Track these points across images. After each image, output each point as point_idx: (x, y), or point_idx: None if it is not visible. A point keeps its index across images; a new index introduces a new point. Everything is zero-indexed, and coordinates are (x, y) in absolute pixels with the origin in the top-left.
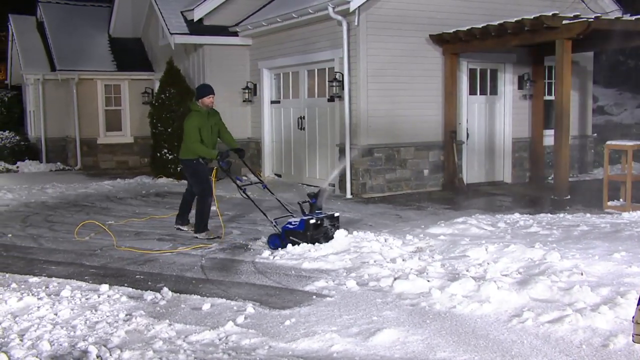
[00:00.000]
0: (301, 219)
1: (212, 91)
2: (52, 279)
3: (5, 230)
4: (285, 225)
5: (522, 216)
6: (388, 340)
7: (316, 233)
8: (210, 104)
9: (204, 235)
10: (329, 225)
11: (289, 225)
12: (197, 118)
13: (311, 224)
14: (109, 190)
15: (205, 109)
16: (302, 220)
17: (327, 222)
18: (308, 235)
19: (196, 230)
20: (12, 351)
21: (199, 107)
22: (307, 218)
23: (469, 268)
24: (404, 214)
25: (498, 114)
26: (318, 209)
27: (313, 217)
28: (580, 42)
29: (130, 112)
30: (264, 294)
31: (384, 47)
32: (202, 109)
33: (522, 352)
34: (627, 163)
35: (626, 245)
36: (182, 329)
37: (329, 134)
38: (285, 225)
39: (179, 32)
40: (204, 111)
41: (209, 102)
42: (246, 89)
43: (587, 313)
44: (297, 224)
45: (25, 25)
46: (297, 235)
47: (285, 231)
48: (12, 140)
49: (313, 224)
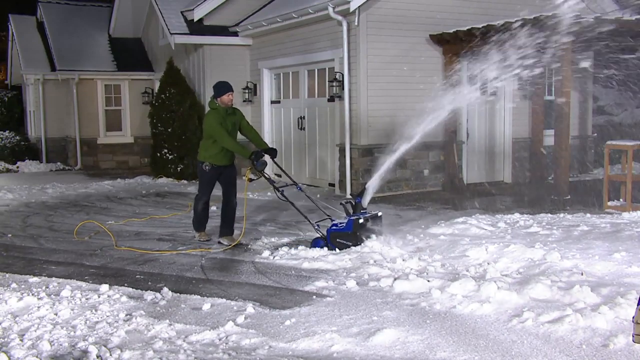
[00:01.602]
0: (349, 219)
1: (231, 88)
2: (52, 279)
3: (5, 230)
4: (330, 227)
5: (522, 216)
6: (388, 340)
7: (364, 233)
8: (229, 102)
9: (197, 236)
10: (372, 226)
11: (334, 227)
12: (216, 115)
13: (360, 223)
14: (109, 190)
15: (223, 107)
16: (350, 220)
17: (371, 223)
18: (358, 235)
19: (194, 227)
20: (12, 351)
21: (217, 105)
22: (354, 218)
23: (469, 268)
24: (404, 214)
25: (498, 114)
26: (363, 209)
27: (360, 216)
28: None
29: (130, 112)
30: (264, 294)
31: (384, 47)
32: (220, 107)
33: (522, 352)
34: (627, 163)
35: (626, 245)
36: (182, 329)
37: (329, 134)
38: (330, 228)
39: (179, 32)
40: (222, 109)
41: (227, 100)
42: (246, 89)
43: (587, 313)
44: (344, 224)
45: (25, 25)
46: (344, 236)
47: (331, 233)
48: (12, 140)
49: (361, 224)
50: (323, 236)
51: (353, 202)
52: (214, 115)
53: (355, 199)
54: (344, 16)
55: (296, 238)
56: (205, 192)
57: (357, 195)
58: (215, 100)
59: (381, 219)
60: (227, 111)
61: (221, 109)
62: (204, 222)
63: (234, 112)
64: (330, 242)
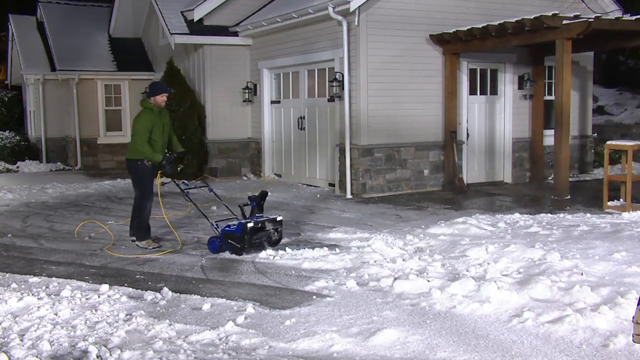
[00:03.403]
0: (239, 222)
1: (166, 90)
2: (52, 279)
3: (5, 230)
4: (224, 228)
5: (522, 216)
6: (388, 340)
7: (257, 237)
8: (163, 102)
9: (144, 244)
10: (272, 229)
11: (227, 228)
12: (149, 116)
13: (249, 227)
14: (109, 190)
15: (157, 107)
16: (240, 223)
17: (270, 226)
18: (246, 238)
19: (137, 237)
20: (12, 351)
21: (152, 105)
22: (245, 221)
23: (469, 268)
24: (404, 214)
25: (498, 114)
26: (259, 212)
27: (252, 220)
28: (580, 42)
29: (130, 112)
30: (264, 294)
31: (384, 47)
32: (154, 107)
33: (522, 352)
34: (627, 163)
35: (626, 245)
36: (182, 329)
37: (329, 134)
38: (224, 228)
39: (179, 32)
40: (156, 110)
41: (161, 100)
42: (246, 89)
43: (587, 313)
44: (235, 227)
45: (25, 25)
46: (235, 238)
47: (224, 234)
48: (12, 140)
49: (252, 227)
50: (219, 235)
51: (251, 205)
52: (148, 115)
53: (251, 203)
54: (344, 16)
55: (296, 238)
56: (148, 190)
57: (254, 199)
58: (149, 100)
59: (281, 223)
60: (160, 111)
61: (155, 110)
62: (149, 228)
63: (166, 114)
64: (224, 243)
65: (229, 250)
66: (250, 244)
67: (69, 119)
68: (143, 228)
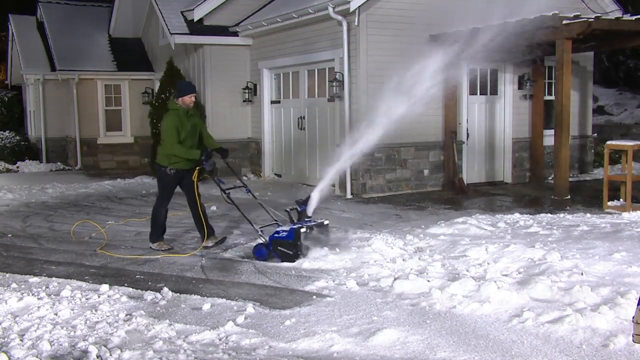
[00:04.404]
0: (291, 227)
1: (194, 89)
2: (52, 279)
3: (5, 230)
4: (273, 234)
5: (522, 216)
6: (388, 340)
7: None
8: (190, 103)
9: (155, 246)
10: (318, 235)
11: (277, 234)
12: (175, 117)
13: (302, 232)
14: (109, 190)
15: (184, 107)
16: (292, 229)
17: (317, 231)
18: (299, 245)
19: (150, 238)
20: (12, 351)
21: (178, 105)
22: (297, 226)
23: (469, 268)
24: (404, 213)
25: (498, 114)
26: (307, 217)
27: (303, 225)
28: (580, 42)
29: (130, 112)
30: (264, 294)
31: (384, 47)
32: (180, 107)
33: (522, 352)
34: (627, 163)
35: (626, 245)
36: (182, 329)
37: (329, 134)
38: (272, 235)
39: (179, 32)
40: (182, 110)
41: (189, 101)
42: (246, 89)
43: (587, 313)
44: (286, 233)
45: (25, 25)
46: (285, 245)
47: (272, 241)
48: (12, 140)
49: (304, 232)
50: (266, 243)
51: (298, 209)
52: (174, 116)
53: (300, 207)
54: (344, 16)
55: None
56: (167, 198)
57: (302, 203)
58: (177, 100)
59: (327, 227)
60: (187, 113)
61: (181, 110)
62: (163, 231)
63: (194, 114)
64: (272, 250)
65: (279, 258)
66: (303, 250)
67: (69, 119)
68: (156, 230)
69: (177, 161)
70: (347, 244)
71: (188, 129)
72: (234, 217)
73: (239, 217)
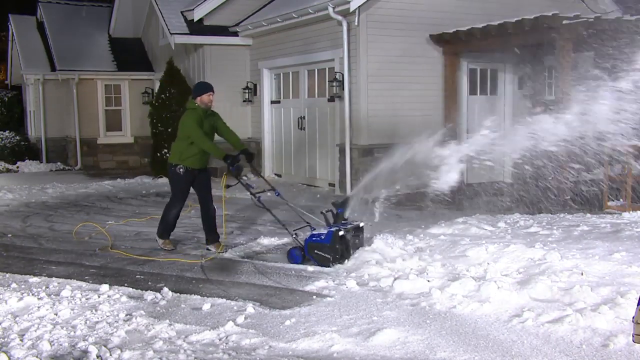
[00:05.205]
0: (328, 230)
1: (211, 88)
2: (52, 279)
3: (5, 230)
4: (309, 237)
5: (522, 216)
6: (388, 340)
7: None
8: (209, 102)
9: (160, 243)
10: (353, 237)
11: (313, 237)
12: (194, 116)
13: (340, 236)
14: (109, 190)
15: (203, 107)
16: (330, 231)
17: (352, 234)
18: (337, 248)
19: (157, 233)
20: (12, 351)
21: (196, 105)
22: (334, 229)
23: (469, 268)
24: (404, 214)
25: (498, 114)
26: (344, 219)
27: (340, 228)
28: (580, 42)
29: (130, 112)
30: (264, 294)
31: (384, 47)
32: (199, 107)
33: (522, 352)
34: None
35: (626, 245)
36: (182, 329)
37: (329, 134)
38: (309, 238)
39: (179, 32)
40: (200, 110)
41: (208, 100)
42: (246, 89)
43: (587, 313)
44: (323, 236)
45: (25, 25)
46: (323, 248)
47: (308, 244)
48: (12, 140)
49: (342, 235)
50: (301, 246)
51: (334, 212)
52: (192, 115)
53: (337, 209)
54: (344, 16)
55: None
56: (180, 198)
57: (339, 205)
58: (195, 100)
59: (363, 230)
60: (206, 112)
61: (200, 110)
62: (171, 230)
63: (213, 115)
64: (308, 254)
65: (315, 262)
66: (340, 253)
67: (69, 119)
68: (165, 226)
69: (188, 157)
70: None
71: (206, 129)
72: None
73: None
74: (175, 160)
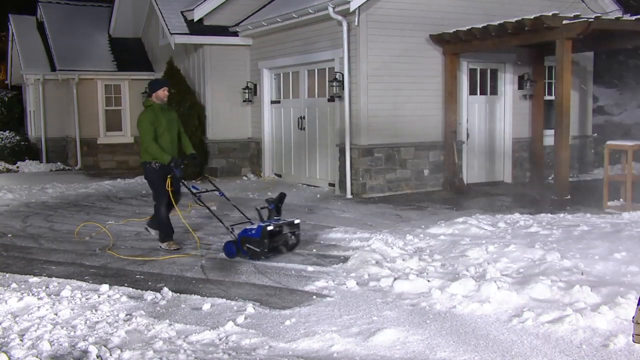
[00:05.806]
0: (258, 225)
1: (166, 83)
2: (52, 279)
3: (5, 230)
4: (241, 232)
5: (522, 216)
6: (388, 340)
7: (275, 241)
8: (164, 97)
9: (165, 246)
10: (289, 233)
11: (245, 232)
12: (150, 113)
13: (268, 231)
14: (109, 190)
15: (159, 102)
16: (260, 227)
17: (287, 230)
18: (265, 242)
19: (159, 239)
20: (12, 351)
21: (152, 102)
22: (264, 225)
23: (469, 268)
24: (404, 214)
25: (498, 114)
26: (276, 216)
27: (271, 223)
28: (580, 42)
29: (130, 112)
30: (264, 294)
31: (384, 47)
32: (154, 103)
33: (522, 352)
34: (627, 163)
35: (626, 245)
36: (182, 329)
37: (329, 134)
38: (241, 232)
39: (179, 32)
40: (156, 106)
41: (163, 95)
42: (246, 89)
43: (587, 313)
44: (254, 231)
45: (25, 25)
46: (253, 242)
47: (241, 238)
48: (12, 140)
49: (271, 231)
50: (235, 240)
51: (269, 208)
52: (147, 114)
53: (270, 206)
54: (344, 16)
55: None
56: (162, 193)
57: (272, 202)
58: (150, 98)
59: (298, 226)
60: (162, 107)
61: (156, 106)
62: (170, 231)
63: (171, 110)
64: (241, 247)
65: (247, 255)
66: (270, 249)
67: (69, 119)
68: (164, 229)
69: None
70: (347, 244)
71: (164, 124)
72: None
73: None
74: (149, 158)
